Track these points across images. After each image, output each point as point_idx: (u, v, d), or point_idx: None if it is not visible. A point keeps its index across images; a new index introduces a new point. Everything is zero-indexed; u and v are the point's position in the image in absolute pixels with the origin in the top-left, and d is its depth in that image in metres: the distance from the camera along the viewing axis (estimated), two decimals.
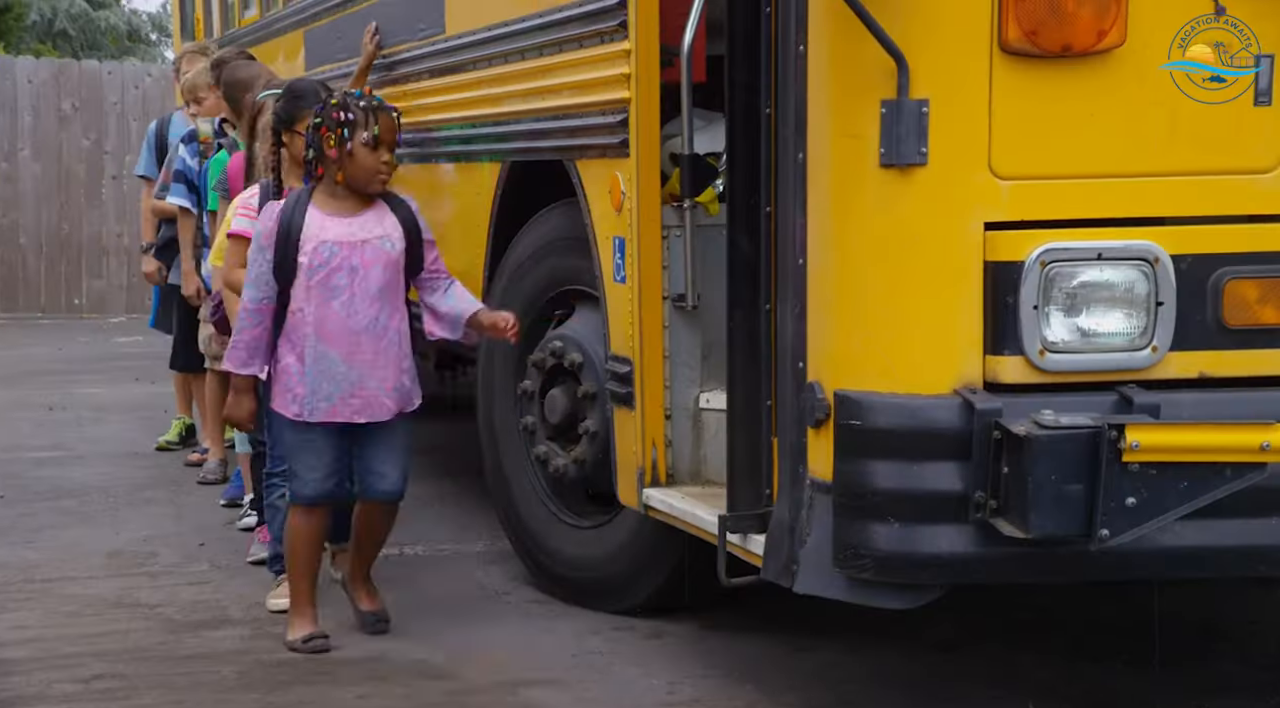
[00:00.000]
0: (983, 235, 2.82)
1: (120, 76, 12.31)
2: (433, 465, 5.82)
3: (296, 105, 4.03)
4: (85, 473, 6.10)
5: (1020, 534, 2.73)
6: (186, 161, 5.68)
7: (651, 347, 3.71)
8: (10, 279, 11.96)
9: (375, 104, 3.73)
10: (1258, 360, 2.89)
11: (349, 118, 3.67)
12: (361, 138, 3.68)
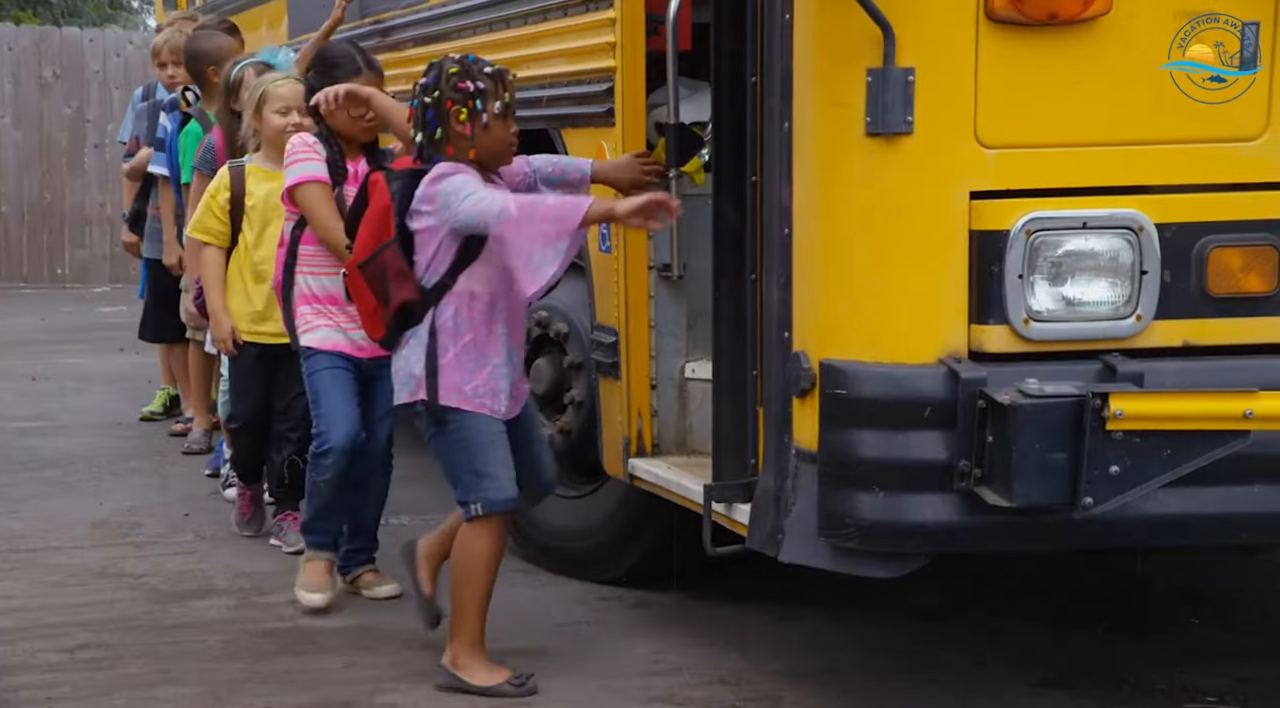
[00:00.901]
0: (968, 204, 2.82)
1: (102, 44, 12.22)
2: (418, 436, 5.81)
3: (334, 76, 3.90)
4: (69, 443, 6.09)
5: (1005, 503, 2.74)
6: (169, 129, 5.64)
7: (637, 317, 3.71)
8: None
9: (499, 69, 3.33)
10: (1241, 329, 2.89)
11: (479, 87, 3.25)
12: (495, 108, 3.27)
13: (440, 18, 4.72)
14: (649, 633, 3.79)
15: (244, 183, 4.35)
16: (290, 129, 4.19)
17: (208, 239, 4.41)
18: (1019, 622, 3.87)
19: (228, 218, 4.37)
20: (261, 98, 4.27)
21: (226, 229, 4.39)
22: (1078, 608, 3.99)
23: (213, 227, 4.40)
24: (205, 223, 4.41)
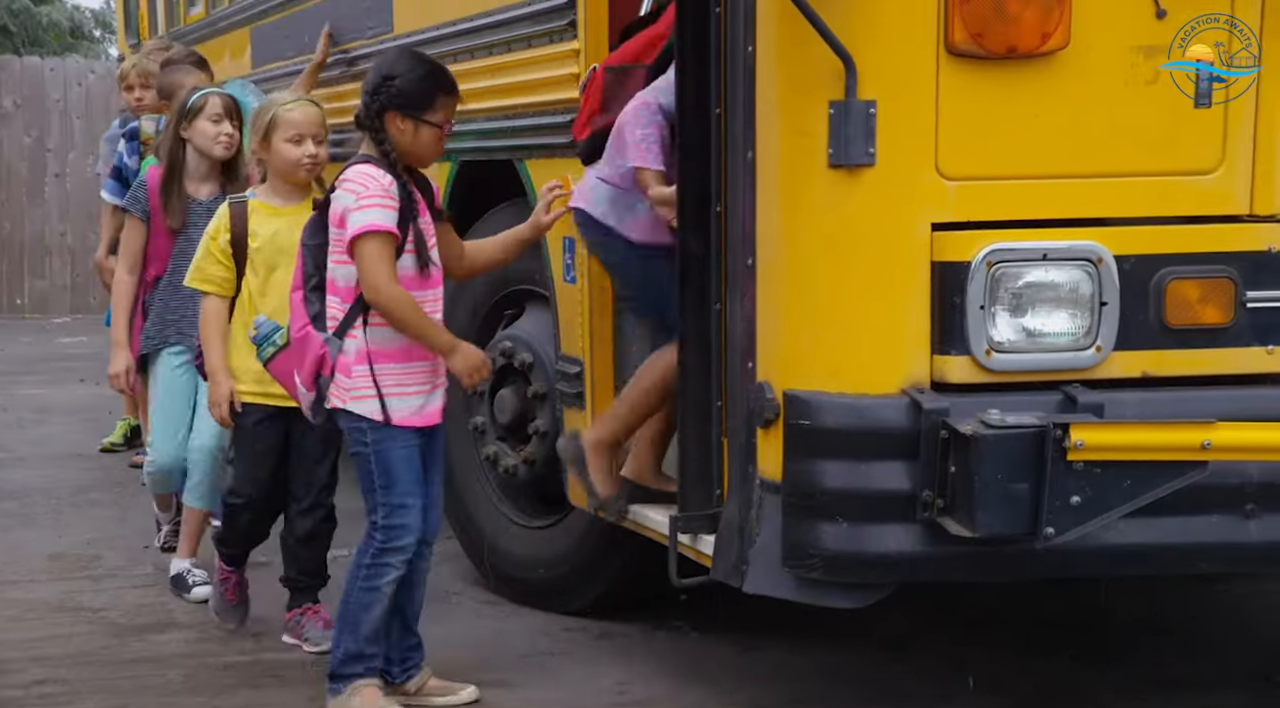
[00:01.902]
0: (930, 236, 2.84)
1: (63, 73, 12.16)
2: None
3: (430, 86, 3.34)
4: (27, 475, 6.02)
5: (967, 533, 2.75)
6: (124, 158, 5.52)
7: (601, 347, 3.71)
8: None
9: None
10: (1199, 360, 2.92)
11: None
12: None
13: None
14: (614, 664, 3.78)
15: (246, 222, 3.80)
16: (306, 161, 3.76)
17: (209, 288, 3.82)
18: (983, 650, 3.88)
19: (232, 262, 3.80)
20: (270, 123, 3.74)
21: (231, 275, 3.80)
22: (1040, 636, 4.00)
23: (215, 274, 3.82)
24: (206, 270, 3.83)
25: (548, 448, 4.01)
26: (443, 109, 3.34)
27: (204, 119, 4.28)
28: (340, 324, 3.29)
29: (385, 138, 3.28)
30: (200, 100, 4.31)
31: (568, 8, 3.68)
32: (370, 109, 3.30)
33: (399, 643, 3.47)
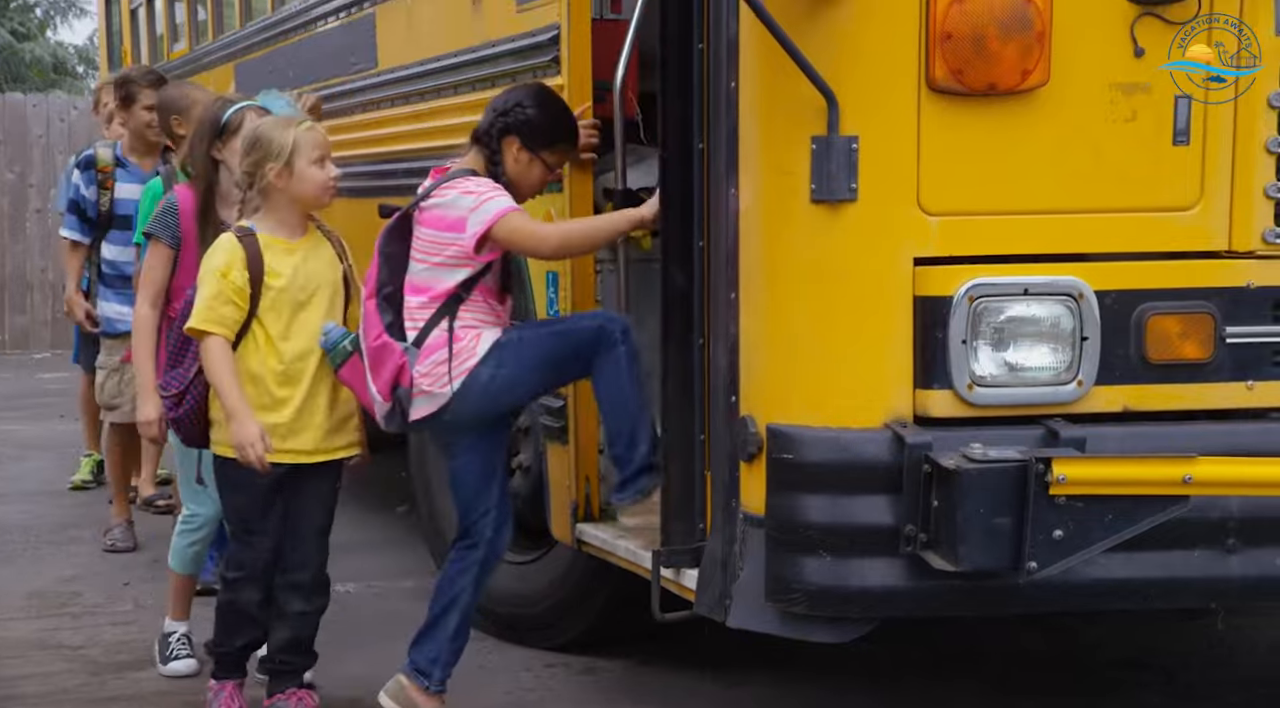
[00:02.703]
0: (912, 270, 2.86)
1: (46, 109, 12.17)
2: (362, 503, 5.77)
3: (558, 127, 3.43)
4: (6, 512, 5.98)
5: (950, 567, 2.76)
6: (81, 191, 5.24)
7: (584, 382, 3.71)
8: None
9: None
10: (1179, 395, 2.94)
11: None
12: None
13: (386, 84, 4.75)
14: (597, 701, 3.76)
15: (262, 259, 3.42)
16: (332, 183, 3.48)
17: (220, 331, 3.40)
18: (966, 683, 3.87)
19: (247, 303, 3.41)
20: (293, 146, 3.41)
21: (242, 316, 3.41)
22: (1020, 672, 3.99)
23: (229, 317, 3.40)
24: (219, 312, 3.39)
25: (531, 483, 4.00)
26: (559, 153, 3.43)
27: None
28: (424, 326, 3.31)
29: (500, 160, 3.37)
30: (238, 116, 3.76)
31: (551, 44, 3.70)
32: (494, 127, 3.37)
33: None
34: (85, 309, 5.37)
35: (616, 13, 4.13)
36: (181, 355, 3.55)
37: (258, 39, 6.27)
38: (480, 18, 4.09)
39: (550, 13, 3.70)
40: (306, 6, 5.61)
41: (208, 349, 3.40)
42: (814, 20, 2.83)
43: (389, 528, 5.54)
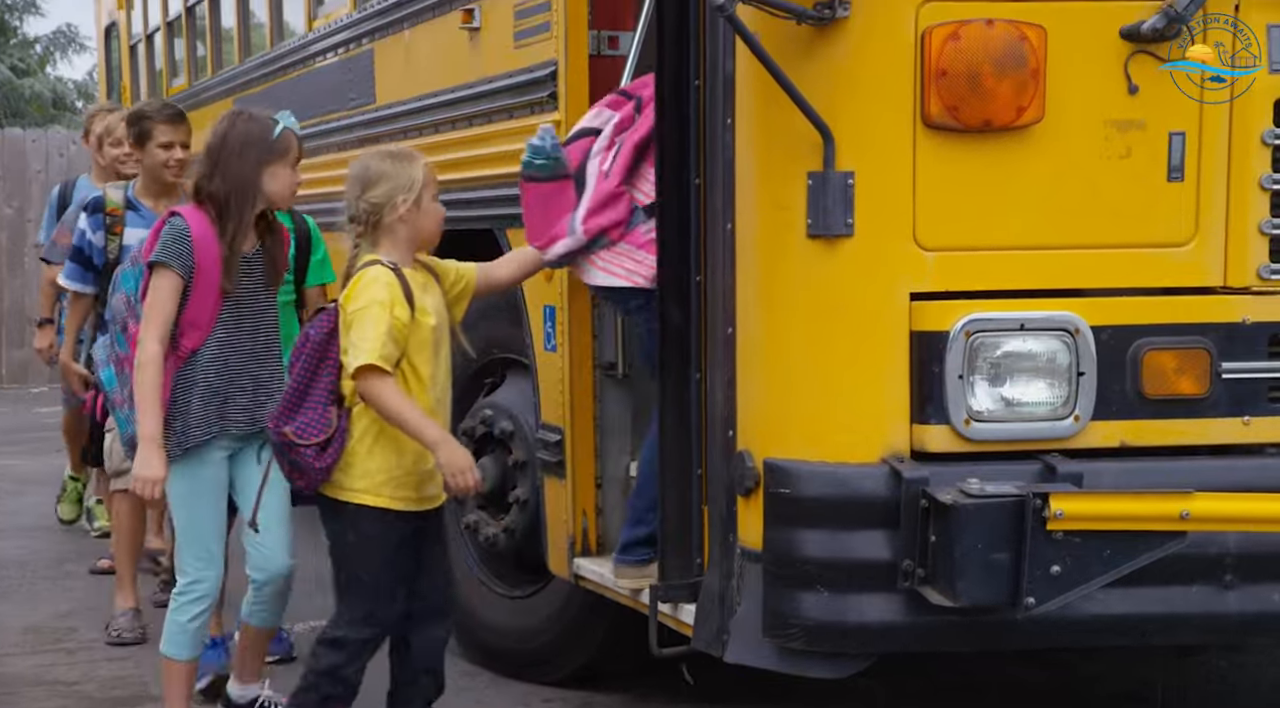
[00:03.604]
0: (908, 305, 2.87)
1: (45, 144, 12.21)
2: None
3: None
4: (3, 547, 5.97)
5: (948, 602, 2.75)
6: (87, 236, 4.53)
7: (582, 415, 3.72)
8: None
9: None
10: (1176, 430, 2.94)
11: None
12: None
13: (384, 119, 4.77)
14: None
15: (413, 294, 3.24)
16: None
17: (391, 369, 3.19)
18: None
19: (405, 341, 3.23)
20: (424, 180, 3.29)
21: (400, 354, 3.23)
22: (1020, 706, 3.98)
23: (392, 354, 3.18)
24: (388, 351, 3.16)
25: (528, 517, 3.99)
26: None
27: (287, 164, 3.50)
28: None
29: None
30: (286, 140, 3.50)
31: (548, 79, 3.72)
32: None
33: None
34: (81, 375, 4.82)
35: (614, 49, 4.16)
36: (302, 398, 3.25)
37: (257, 74, 6.30)
38: (478, 54, 4.11)
39: (547, 49, 3.72)
40: (305, 43, 5.64)
41: (382, 389, 3.15)
42: (810, 57, 2.85)
43: None
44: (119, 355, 3.52)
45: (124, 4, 9.04)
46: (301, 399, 3.24)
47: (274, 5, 6.28)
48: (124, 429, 3.53)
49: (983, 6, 2.81)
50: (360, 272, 3.23)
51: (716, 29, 2.95)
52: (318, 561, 3.66)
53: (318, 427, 3.21)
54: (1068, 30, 2.85)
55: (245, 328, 3.49)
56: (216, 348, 3.45)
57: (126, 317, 3.50)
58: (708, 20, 2.98)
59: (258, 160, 3.42)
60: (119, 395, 3.53)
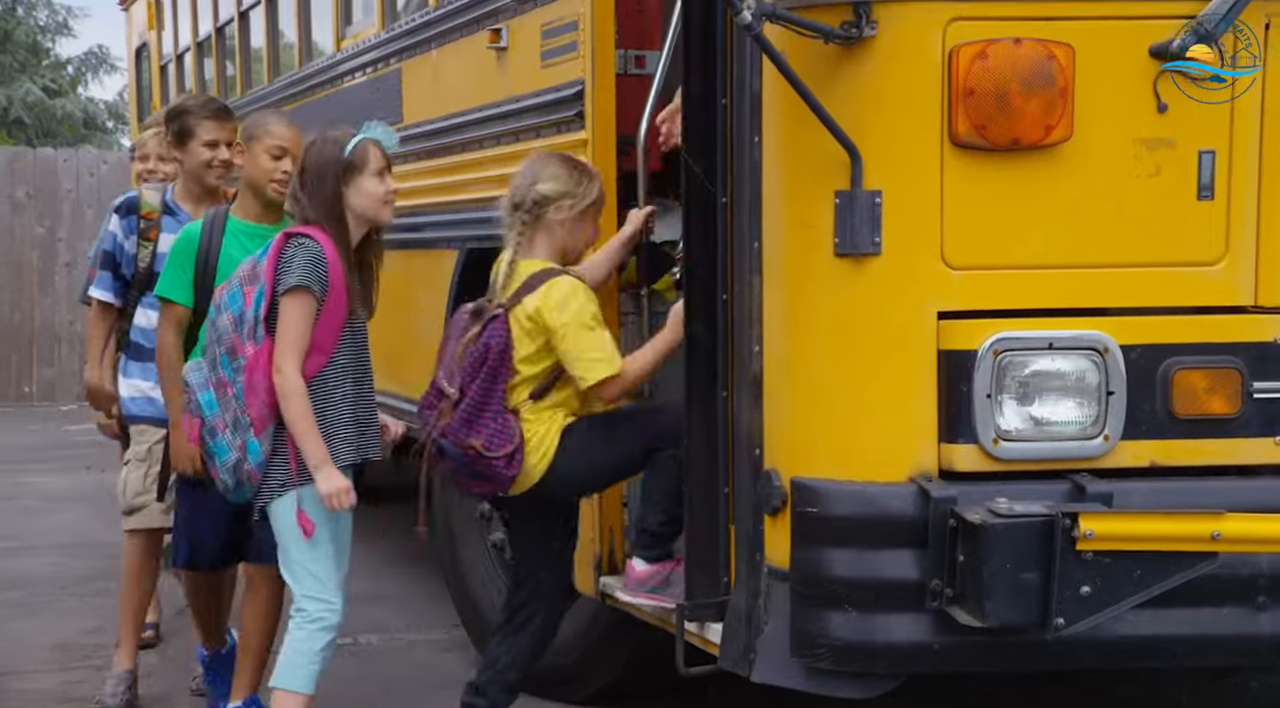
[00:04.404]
0: (936, 324, 2.86)
1: (75, 164, 12.32)
2: (384, 553, 5.77)
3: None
4: (33, 563, 6.00)
5: (976, 623, 2.73)
6: (118, 240, 4.16)
7: None
8: None
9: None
10: (1207, 450, 2.92)
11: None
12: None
13: (411, 138, 4.79)
14: None
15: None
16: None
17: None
18: None
19: None
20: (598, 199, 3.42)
21: None
22: None
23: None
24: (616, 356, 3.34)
25: None
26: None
27: (369, 176, 3.41)
28: None
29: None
30: (362, 149, 3.42)
31: (576, 99, 3.73)
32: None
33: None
34: (112, 399, 4.30)
35: (640, 68, 4.17)
36: (482, 409, 3.32)
37: (286, 93, 6.34)
38: (505, 73, 4.13)
39: (575, 68, 3.73)
40: (334, 62, 5.68)
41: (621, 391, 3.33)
42: (837, 76, 2.85)
43: (415, 578, 5.52)
44: (220, 379, 3.35)
45: (155, 25, 9.11)
46: (482, 410, 3.31)
47: (303, 25, 6.32)
48: (223, 456, 3.34)
49: (1011, 25, 2.80)
50: (552, 282, 3.30)
51: (744, 48, 2.95)
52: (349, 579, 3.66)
53: (504, 436, 3.30)
54: (1096, 49, 2.84)
55: (360, 351, 3.45)
56: (339, 373, 3.38)
57: (234, 339, 3.33)
58: (735, 39, 2.99)
59: (335, 181, 3.38)
60: (220, 421, 3.35)
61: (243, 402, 3.31)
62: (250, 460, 3.31)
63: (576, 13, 3.71)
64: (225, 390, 3.34)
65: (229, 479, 3.36)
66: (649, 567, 3.44)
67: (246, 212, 3.82)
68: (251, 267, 3.39)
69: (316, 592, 3.37)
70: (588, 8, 3.66)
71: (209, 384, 3.38)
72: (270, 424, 3.30)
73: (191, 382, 3.42)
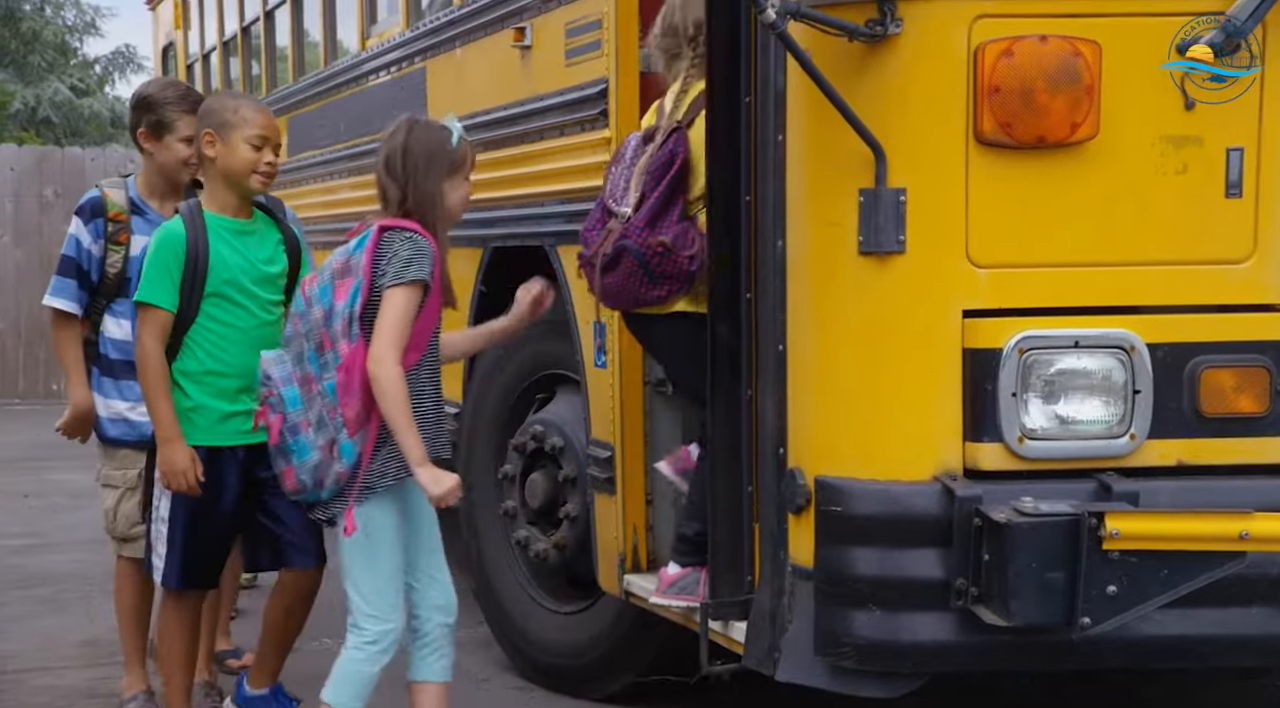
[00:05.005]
0: (961, 323, 2.85)
1: (103, 163, 12.38)
2: None
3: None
4: (60, 560, 6.04)
5: (1002, 622, 2.73)
6: (82, 245, 3.81)
7: (632, 432, 3.72)
8: None
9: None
10: (1235, 449, 2.90)
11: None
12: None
13: None
14: None
15: None
16: None
17: None
18: None
19: None
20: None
21: None
22: None
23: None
24: None
25: (578, 533, 4.00)
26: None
27: (463, 176, 3.31)
28: None
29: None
30: (464, 150, 3.30)
31: (599, 97, 3.73)
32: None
33: None
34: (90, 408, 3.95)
35: None
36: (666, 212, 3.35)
37: (310, 93, 6.36)
38: (529, 72, 4.13)
39: (599, 67, 3.74)
40: (358, 61, 5.69)
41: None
42: (861, 73, 2.84)
43: None
44: (306, 375, 3.21)
45: (181, 24, 9.16)
46: (665, 214, 3.32)
47: (328, 24, 6.34)
48: (303, 456, 3.19)
49: (1036, 22, 2.79)
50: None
51: (768, 46, 2.95)
52: None
53: (687, 238, 3.32)
54: (1123, 45, 2.82)
55: (436, 349, 3.33)
56: (428, 370, 3.27)
57: (324, 334, 3.18)
58: (759, 37, 2.98)
59: (440, 172, 3.24)
60: (304, 418, 3.20)
61: (331, 400, 3.16)
62: (343, 462, 3.15)
63: (600, 11, 3.72)
64: (311, 386, 3.20)
65: (307, 480, 3.20)
66: (680, 570, 3.44)
67: (224, 206, 3.50)
68: (345, 260, 3.21)
69: (379, 611, 3.22)
70: (611, 6, 3.66)
71: (293, 379, 3.23)
72: (366, 426, 3.14)
73: (275, 375, 3.24)
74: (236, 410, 3.48)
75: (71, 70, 22.55)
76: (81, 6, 22.89)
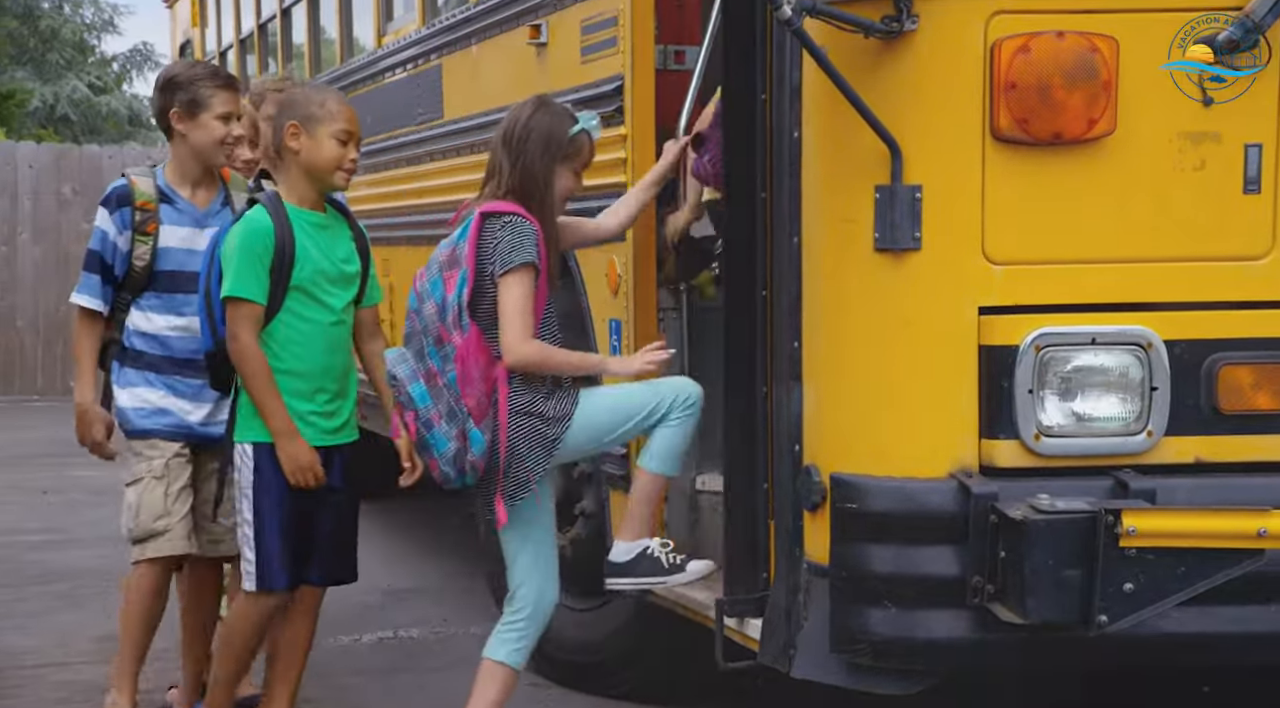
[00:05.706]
0: (977, 319, 2.84)
1: (120, 160, 12.40)
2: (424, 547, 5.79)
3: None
4: (80, 556, 6.06)
5: (1018, 620, 2.72)
6: (109, 237, 3.71)
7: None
8: (7, 362, 11.98)
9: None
10: (1253, 446, 2.89)
11: None
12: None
13: (452, 134, 4.80)
14: None
15: None
16: None
17: None
18: None
19: None
20: None
21: None
22: None
23: None
24: None
25: (593, 530, 4.00)
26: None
27: (576, 167, 3.30)
28: None
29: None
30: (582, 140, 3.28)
31: (615, 94, 3.73)
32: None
33: None
34: (106, 423, 3.76)
35: (680, 64, 4.16)
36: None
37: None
38: (545, 68, 4.13)
39: (614, 64, 3.73)
40: (374, 58, 5.70)
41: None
42: (877, 70, 2.84)
43: (454, 572, 5.54)
44: (430, 369, 3.20)
45: (198, 22, 9.18)
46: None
47: (344, 22, 6.35)
48: (442, 447, 3.20)
49: (1053, 19, 2.78)
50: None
51: (783, 43, 2.94)
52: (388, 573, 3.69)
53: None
54: (1140, 41, 2.81)
55: (546, 332, 3.28)
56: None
57: (440, 328, 3.18)
58: (775, 34, 2.98)
59: (553, 156, 3.23)
60: (435, 412, 3.19)
61: (455, 392, 3.16)
62: (473, 451, 3.16)
63: (616, 8, 3.71)
64: (435, 380, 3.19)
65: (450, 470, 3.22)
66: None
67: (302, 199, 3.42)
68: (450, 251, 3.21)
69: (542, 586, 3.40)
70: (627, 3, 3.66)
71: (418, 376, 3.22)
72: (491, 413, 3.17)
73: (400, 374, 3.23)
74: (314, 410, 3.41)
75: (89, 68, 22.62)
76: (99, 4, 22.97)
